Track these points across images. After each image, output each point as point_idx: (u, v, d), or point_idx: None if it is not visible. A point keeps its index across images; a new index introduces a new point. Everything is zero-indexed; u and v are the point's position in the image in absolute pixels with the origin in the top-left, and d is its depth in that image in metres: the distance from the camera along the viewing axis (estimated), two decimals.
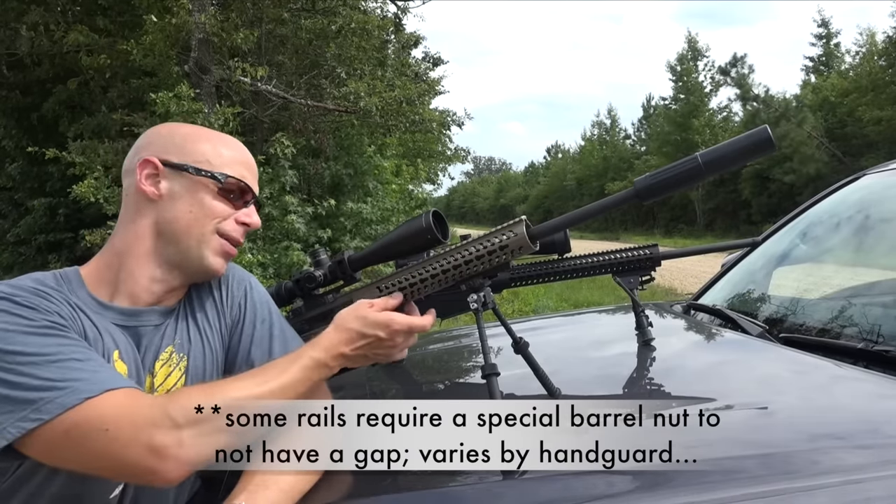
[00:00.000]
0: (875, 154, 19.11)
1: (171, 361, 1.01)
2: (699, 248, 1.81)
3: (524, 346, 1.10)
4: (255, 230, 1.11)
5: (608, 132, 44.70)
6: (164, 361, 1.00)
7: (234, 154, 1.06)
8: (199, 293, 1.08)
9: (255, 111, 8.81)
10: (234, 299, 1.09)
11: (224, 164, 1.03)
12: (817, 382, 1.20)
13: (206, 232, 1.01)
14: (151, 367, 0.99)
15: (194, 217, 1.01)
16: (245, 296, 1.10)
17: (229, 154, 1.06)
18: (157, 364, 0.99)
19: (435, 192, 21.62)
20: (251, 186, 1.06)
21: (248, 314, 1.08)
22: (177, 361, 1.01)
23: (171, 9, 7.28)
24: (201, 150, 1.04)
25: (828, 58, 26.81)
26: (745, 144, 0.99)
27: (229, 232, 1.03)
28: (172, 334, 1.02)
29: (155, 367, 0.99)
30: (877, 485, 0.79)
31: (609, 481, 0.84)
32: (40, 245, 9.80)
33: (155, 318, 1.01)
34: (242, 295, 1.10)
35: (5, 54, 8.71)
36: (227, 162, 1.04)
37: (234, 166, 1.04)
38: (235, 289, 1.10)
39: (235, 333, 1.07)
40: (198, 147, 1.04)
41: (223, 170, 1.03)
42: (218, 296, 1.09)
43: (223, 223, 1.03)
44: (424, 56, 13.43)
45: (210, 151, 1.04)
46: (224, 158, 1.04)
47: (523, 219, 1.07)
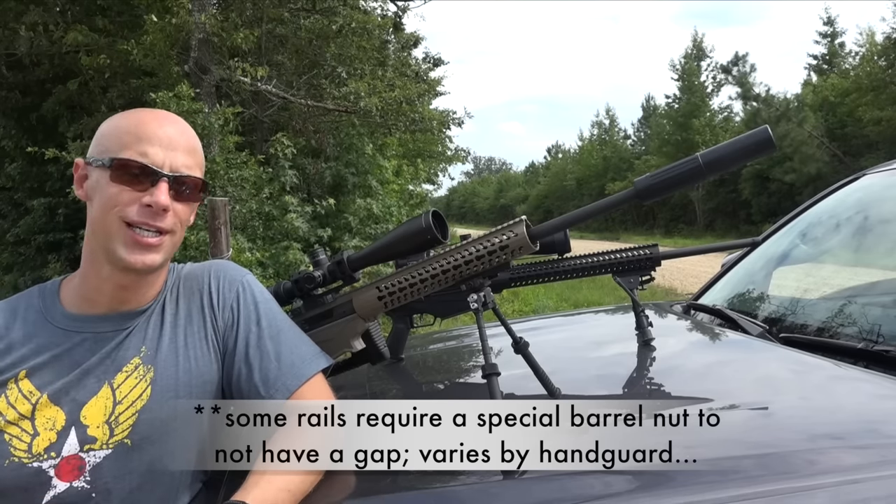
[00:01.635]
0: (875, 154, 19.10)
1: (138, 373, 0.97)
2: (699, 248, 1.81)
3: (524, 346, 1.10)
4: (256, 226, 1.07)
5: (607, 132, 44.69)
6: (128, 373, 0.97)
7: (135, 132, 0.95)
8: (187, 298, 1.05)
9: (255, 111, 8.81)
10: (225, 302, 1.05)
11: (119, 147, 0.95)
12: (817, 382, 1.20)
13: (110, 223, 0.94)
14: (112, 376, 0.96)
15: (100, 210, 0.95)
16: (238, 298, 1.06)
17: (129, 134, 0.95)
18: (119, 375, 0.97)
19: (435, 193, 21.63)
20: (153, 165, 0.94)
21: (243, 317, 1.04)
22: (143, 373, 0.98)
23: (171, 8, 7.28)
24: (103, 135, 0.98)
25: (832, 56, 26.78)
26: (745, 144, 0.99)
27: (132, 218, 0.93)
28: (139, 343, 0.99)
29: (116, 379, 0.96)
30: (876, 485, 0.79)
31: (609, 481, 0.84)
32: (40, 245, 9.78)
33: (112, 324, 0.99)
34: (234, 298, 1.06)
35: (5, 54, 8.70)
36: (123, 143, 0.95)
37: (132, 145, 0.94)
38: (227, 291, 1.06)
39: (230, 337, 1.03)
40: (102, 133, 0.98)
41: (115, 154, 0.94)
42: (207, 300, 1.05)
43: (125, 210, 0.93)
44: (425, 56, 13.43)
45: (108, 135, 0.97)
46: (121, 140, 0.95)
47: (523, 219, 1.07)
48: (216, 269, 1.09)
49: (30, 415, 0.93)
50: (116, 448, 0.93)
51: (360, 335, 1.21)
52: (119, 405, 0.95)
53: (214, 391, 1.01)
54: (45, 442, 0.92)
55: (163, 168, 0.95)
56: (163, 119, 0.99)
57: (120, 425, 0.94)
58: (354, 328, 1.19)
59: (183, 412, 0.96)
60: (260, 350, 1.02)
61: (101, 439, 0.93)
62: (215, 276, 1.07)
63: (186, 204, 0.99)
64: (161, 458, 0.95)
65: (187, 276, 1.08)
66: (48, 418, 0.93)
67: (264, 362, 1.01)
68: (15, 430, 0.92)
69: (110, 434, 0.94)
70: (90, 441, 0.93)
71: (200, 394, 0.99)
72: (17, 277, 9.83)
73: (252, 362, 1.01)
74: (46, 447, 0.92)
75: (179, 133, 0.99)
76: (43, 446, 0.92)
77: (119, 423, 0.94)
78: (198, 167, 1.01)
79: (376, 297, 1.15)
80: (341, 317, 1.19)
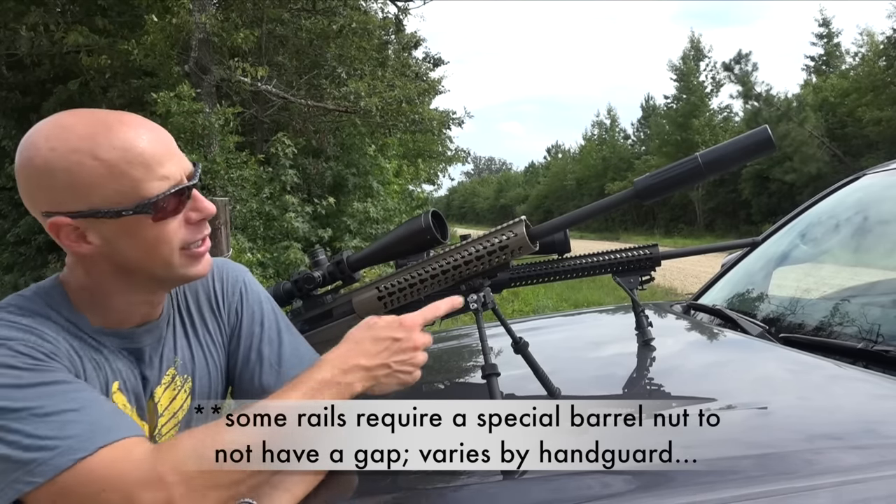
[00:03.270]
0: (875, 154, 19.11)
1: (175, 384, 0.97)
2: (699, 248, 1.81)
3: (524, 346, 1.10)
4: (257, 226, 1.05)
5: (608, 132, 44.69)
6: (166, 385, 0.96)
7: (138, 160, 0.82)
8: (196, 302, 1.03)
9: (255, 111, 8.82)
10: (230, 305, 1.04)
11: (130, 188, 0.82)
12: (817, 382, 1.20)
13: (166, 256, 0.87)
14: (153, 390, 0.95)
15: (145, 253, 0.87)
16: (241, 299, 1.05)
17: (131, 165, 0.82)
18: (158, 389, 0.95)
19: (435, 193, 21.64)
20: (178, 185, 0.85)
21: (246, 317, 1.04)
22: (181, 384, 0.97)
23: (172, 8, 7.29)
24: (96, 184, 0.81)
25: (829, 57, 26.79)
26: (745, 144, 0.99)
27: (188, 240, 0.88)
28: (171, 354, 0.97)
29: (157, 392, 0.95)
30: (875, 485, 0.79)
31: (609, 481, 0.84)
32: (40, 245, 9.79)
33: (149, 337, 0.95)
34: (238, 299, 1.05)
35: (5, 55, 8.71)
36: (138, 178, 0.82)
37: (151, 176, 0.83)
38: (230, 292, 1.05)
39: (234, 338, 1.03)
40: (86, 182, 0.81)
41: (141, 195, 0.82)
42: (215, 302, 1.04)
43: (176, 239, 0.87)
44: (425, 56, 13.43)
45: (110, 182, 0.81)
46: (130, 176, 0.82)
47: (523, 219, 1.07)
48: (218, 269, 1.07)
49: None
50: None
51: None
52: (161, 418, 0.95)
53: (224, 392, 1.03)
54: None
55: (185, 179, 0.87)
56: (144, 130, 0.85)
57: (163, 437, 0.94)
58: None
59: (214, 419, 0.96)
60: (261, 351, 1.02)
61: None
62: (219, 277, 1.06)
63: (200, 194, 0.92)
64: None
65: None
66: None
67: (265, 363, 1.01)
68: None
69: None
70: None
71: (222, 397, 1.00)
72: (17, 277, 9.84)
73: (253, 363, 1.01)
74: None
75: (164, 133, 0.89)
76: None
77: (162, 436, 0.94)
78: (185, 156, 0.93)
79: (376, 297, 1.15)
80: (341, 317, 1.19)
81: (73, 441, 0.75)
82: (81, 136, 0.81)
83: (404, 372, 0.93)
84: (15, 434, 0.74)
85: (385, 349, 0.91)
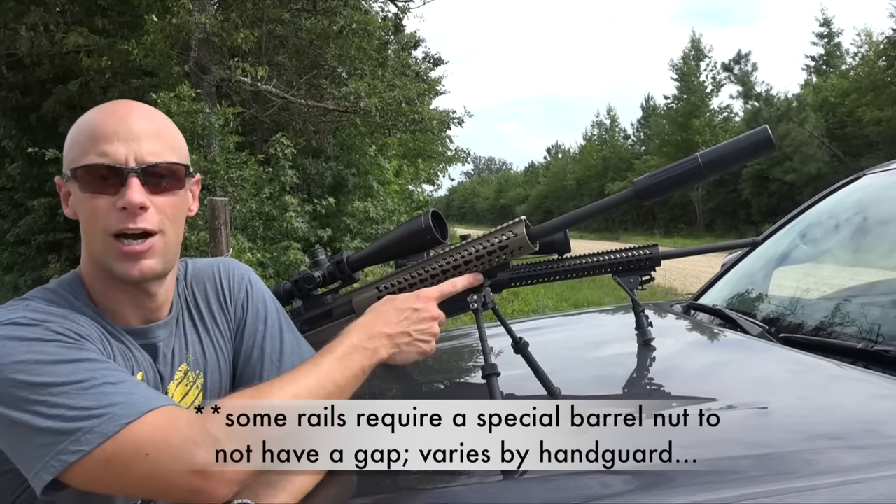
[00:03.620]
0: (875, 154, 19.10)
1: (188, 380, 0.98)
2: (699, 248, 1.82)
3: (524, 346, 1.10)
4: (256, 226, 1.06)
5: (608, 132, 44.69)
6: (178, 381, 0.97)
7: (91, 133, 0.87)
8: (205, 298, 1.05)
9: (255, 111, 8.82)
10: (236, 302, 1.06)
11: (78, 156, 0.87)
12: (817, 382, 1.20)
13: (98, 239, 0.87)
14: (167, 386, 0.96)
15: (86, 227, 0.88)
16: (247, 296, 1.07)
17: (85, 136, 0.87)
18: (171, 385, 0.96)
19: (435, 193, 21.65)
20: (115, 162, 0.85)
21: (251, 315, 1.06)
22: (193, 380, 0.99)
23: (172, 8, 7.29)
24: (67, 146, 0.90)
25: (829, 57, 26.78)
26: (745, 144, 0.99)
27: (114, 226, 0.86)
28: (183, 350, 0.99)
29: (169, 388, 0.96)
30: (875, 485, 0.79)
31: (609, 481, 0.84)
32: (40, 245, 9.80)
33: (160, 334, 0.97)
34: (244, 296, 1.07)
35: (5, 55, 8.71)
36: (83, 148, 0.86)
37: (91, 148, 0.86)
38: (236, 290, 1.07)
39: (238, 335, 1.05)
40: (66, 144, 0.90)
41: (76, 163, 0.86)
42: (223, 300, 1.06)
43: (105, 221, 0.86)
44: (424, 56, 13.43)
45: (70, 145, 0.89)
46: (81, 146, 0.87)
47: (523, 219, 1.07)
48: (224, 267, 1.09)
49: None
50: None
51: None
52: None
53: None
54: None
55: (127, 163, 0.85)
56: (118, 110, 0.89)
57: None
58: None
59: None
60: (263, 348, 1.03)
61: None
62: (225, 275, 1.08)
63: (169, 195, 0.89)
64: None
65: (195, 274, 1.07)
66: None
67: (266, 360, 1.02)
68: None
69: None
70: None
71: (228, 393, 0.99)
72: (17, 277, 9.85)
73: (255, 360, 1.03)
74: None
75: (139, 119, 0.88)
76: None
77: None
78: (169, 150, 0.90)
79: (376, 297, 1.15)
80: (341, 317, 1.19)
81: (118, 408, 0.77)
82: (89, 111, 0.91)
83: (423, 340, 0.97)
84: (58, 408, 0.76)
85: (406, 318, 0.96)
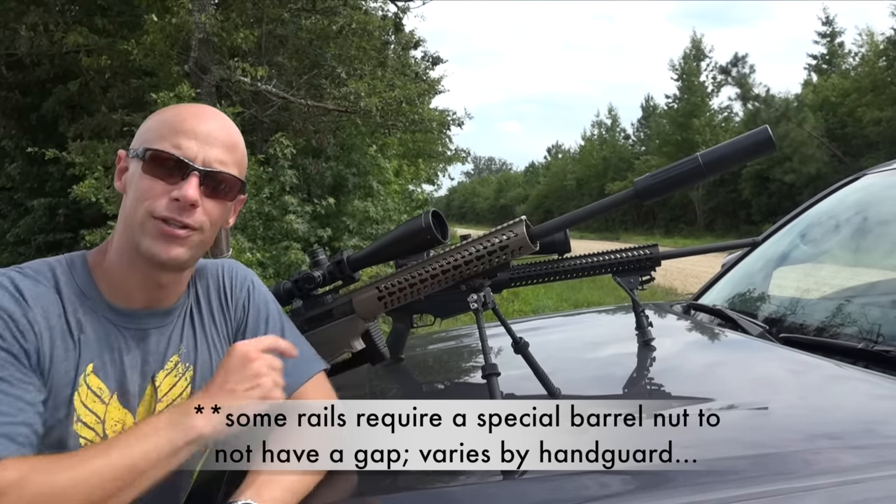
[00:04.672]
0: (875, 154, 19.09)
1: (177, 371, 0.99)
2: (699, 248, 1.82)
3: (524, 346, 1.11)
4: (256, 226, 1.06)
5: (608, 132, 44.70)
6: (168, 371, 0.98)
7: (173, 124, 0.94)
8: (206, 295, 1.06)
9: (255, 111, 8.80)
10: (237, 301, 1.07)
11: (154, 139, 0.93)
12: (817, 382, 1.20)
13: (139, 216, 0.91)
14: (154, 375, 0.96)
15: (132, 203, 0.93)
16: (248, 296, 1.08)
17: (167, 126, 0.94)
18: (160, 374, 0.97)
19: (435, 193, 21.65)
20: (185, 157, 0.91)
21: (252, 315, 1.06)
22: (182, 371, 0.99)
23: (171, 8, 7.28)
24: (145, 127, 0.96)
25: (831, 56, 26.77)
26: (745, 144, 0.99)
27: (160, 212, 0.91)
28: (178, 341, 1.00)
29: (158, 377, 0.96)
30: (874, 485, 0.79)
31: (609, 481, 0.84)
32: (40, 245, 9.78)
33: (155, 321, 0.98)
34: (245, 296, 1.08)
35: (5, 55, 8.70)
36: (161, 135, 0.93)
37: (168, 138, 0.92)
38: (238, 289, 1.08)
39: (239, 335, 1.05)
40: (145, 126, 0.96)
41: (150, 145, 0.92)
42: (225, 300, 1.06)
43: (154, 203, 0.91)
44: (424, 56, 13.42)
45: (149, 127, 0.95)
46: (159, 132, 0.93)
47: (523, 219, 1.08)
48: (228, 268, 1.10)
49: (102, 416, 0.91)
50: None
51: (360, 335, 1.21)
52: (159, 403, 0.96)
53: None
54: None
55: (195, 161, 0.92)
56: (204, 113, 0.97)
57: None
58: (354, 328, 1.19)
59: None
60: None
61: None
62: (229, 276, 1.09)
63: (219, 202, 0.95)
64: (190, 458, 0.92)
65: (200, 274, 1.08)
66: (116, 420, 0.92)
67: None
68: (89, 434, 0.90)
69: None
70: None
71: None
72: None
73: None
74: None
75: (219, 128, 0.96)
76: None
77: None
78: (235, 165, 0.97)
79: (376, 297, 1.15)
80: (341, 317, 1.19)
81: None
82: (178, 105, 1.02)
83: (251, 388, 0.88)
84: None
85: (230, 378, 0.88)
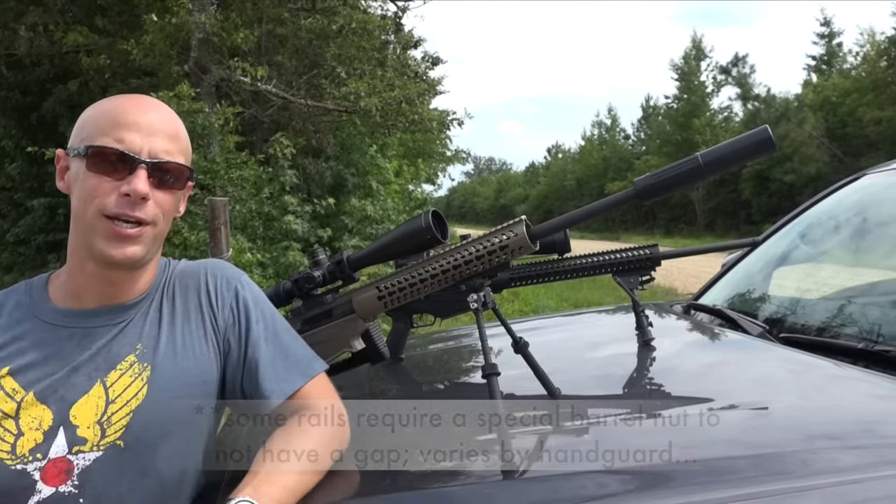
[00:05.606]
0: (875, 154, 19.09)
1: (133, 371, 0.94)
2: (699, 248, 1.82)
3: (524, 346, 1.10)
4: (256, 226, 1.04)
5: (608, 132, 44.69)
6: (122, 371, 0.93)
7: (113, 117, 0.91)
8: (183, 296, 1.02)
9: (255, 111, 8.81)
10: (224, 302, 1.03)
11: (94, 134, 0.91)
12: (817, 382, 1.20)
13: (89, 216, 0.90)
14: (105, 374, 0.93)
15: (80, 203, 0.92)
16: (236, 297, 1.04)
17: (106, 119, 0.92)
18: (112, 374, 0.93)
19: (435, 193, 21.65)
20: (129, 151, 0.89)
21: (242, 316, 1.02)
22: (139, 371, 0.94)
23: (171, 8, 7.28)
24: (82, 123, 0.94)
25: (830, 57, 26.78)
26: (745, 144, 0.99)
27: (111, 209, 0.89)
28: (135, 340, 0.96)
29: (109, 377, 0.93)
30: (874, 485, 0.79)
31: (609, 481, 0.84)
32: (40, 245, 9.78)
33: (103, 319, 0.95)
34: (233, 296, 1.03)
35: (4, 55, 8.69)
36: (101, 130, 0.91)
37: (109, 132, 0.90)
38: (225, 290, 1.04)
39: (231, 337, 1.01)
40: (81, 121, 0.94)
41: (91, 141, 0.90)
42: (206, 299, 1.03)
43: (103, 201, 0.89)
44: (423, 56, 13.42)
45: (86, 123, 0.93)
46: (98, 127, 0.91)
47: (523, 219, 1.07)
48: (212, 268, 1.07)
49: (14, 414, 0.89)
50: (108, 450, 0.89)
51: (360, 335, 1.21)
52: (112, 404, 0.92)
53: (214, 391, 0.99)
54: (31, 443, 0.87)
55: (140, 154, 0.90)
56: (143, 104, 0.95)
57: (112, 426, 0.90)
58: (354, 328, 1.19)
59: (181, 413, 0.93)
60: (259, 350, 1.01)
61: (92, 440, 0.89)
62: (212, 275, 1.05)
63: (169, 192, 0.95)
64: (155, 460, 0.91)
65: (182, 274, 1.05)
66: (34, 417, 0.89)
67: (264, 363, 1.00)
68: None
69: (102, 435, 0.89)
70: (80, 442, 0.88)
71: (201, 394, 0.96)
72: (17, 277, 9.82)
73: (252, 362, 1.00)
74: (32, 448, 0.87)
75: (160, 118, 0.94)
76: (28, 447, 0.87)
77: (112, 424, 0.90)
78: (181, 154, 0.96)
79: (376, 296, 1.15)
80: (341, 317, 1.19)
81: None
82: (111, 97, 0.97)
83: None
84: None
85: None
